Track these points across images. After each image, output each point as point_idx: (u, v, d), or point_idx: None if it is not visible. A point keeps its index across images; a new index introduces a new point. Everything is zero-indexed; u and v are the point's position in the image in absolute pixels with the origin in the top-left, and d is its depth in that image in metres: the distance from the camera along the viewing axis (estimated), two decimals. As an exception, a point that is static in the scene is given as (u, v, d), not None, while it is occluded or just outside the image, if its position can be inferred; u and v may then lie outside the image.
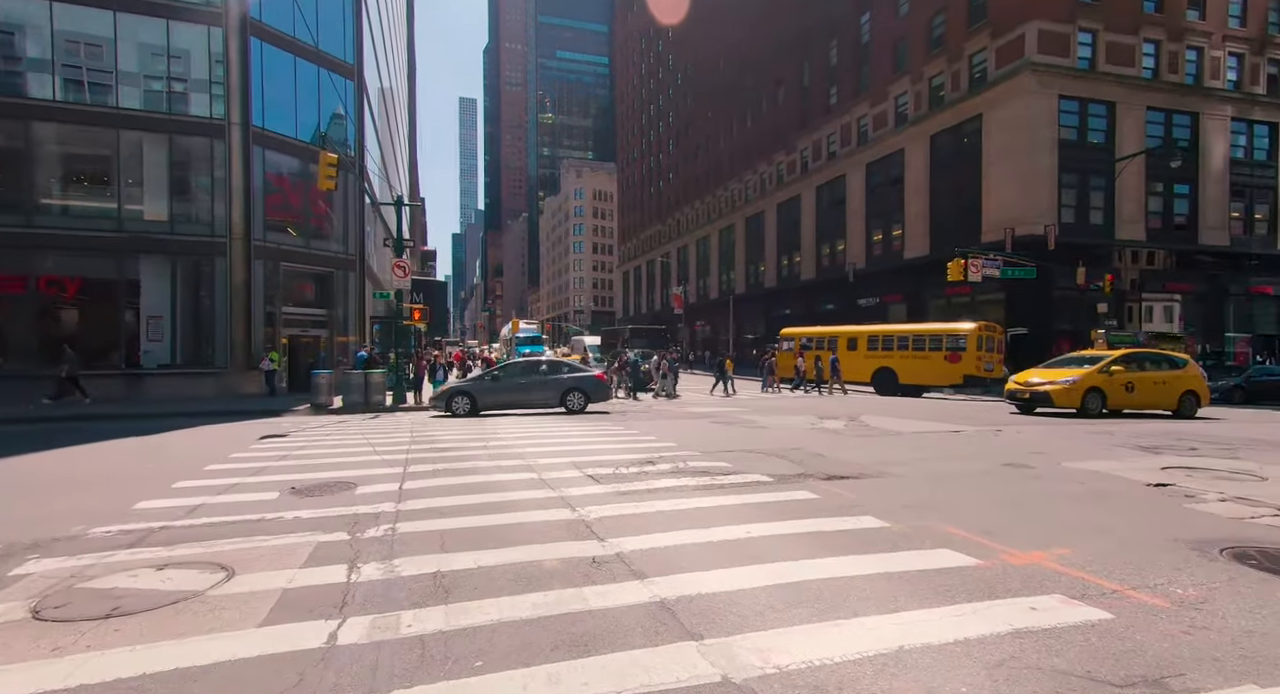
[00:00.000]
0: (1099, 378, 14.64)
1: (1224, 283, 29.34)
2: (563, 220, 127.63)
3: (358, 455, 8.86)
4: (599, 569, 4.01)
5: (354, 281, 25.11)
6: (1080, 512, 5.58)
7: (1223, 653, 2.89)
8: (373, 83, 30.16)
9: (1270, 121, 30.40)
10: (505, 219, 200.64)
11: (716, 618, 3.25)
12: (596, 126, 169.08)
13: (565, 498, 6.06)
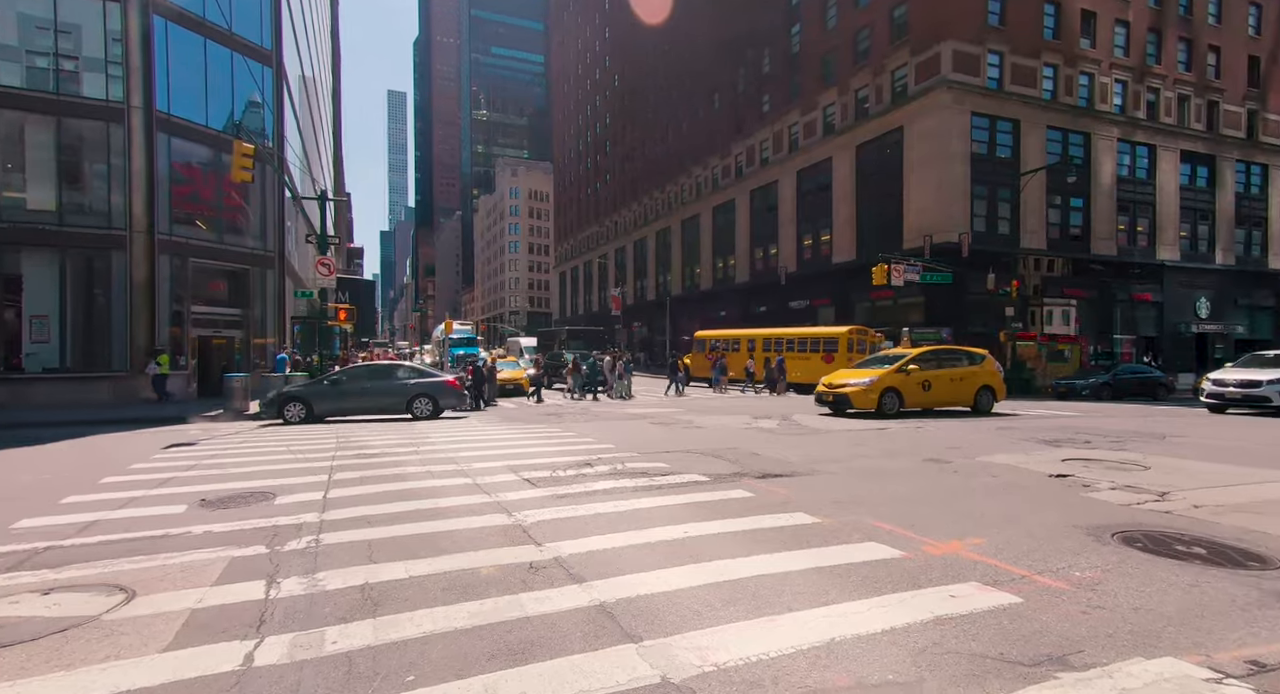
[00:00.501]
0: (896, 377, 14.50)
1: (1112, 289, 32.16)
2: (498, 219, 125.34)
3: (277, 463, 8.37)
4: (537, 575, 3.94)
5: (273, 280, 23.72)
6: (993, 503, 5.95)
7: (1115, 629, 3.14)
8: (293, 70, 28.60)
9: (1150, 144, 33.58)
10: (438, 217, 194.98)
11: (655, 619, 3.26)
12: (533, 125, 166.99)
13: (501, 503, 5.93)
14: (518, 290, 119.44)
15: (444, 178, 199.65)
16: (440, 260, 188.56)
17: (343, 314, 21.18)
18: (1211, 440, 10.47)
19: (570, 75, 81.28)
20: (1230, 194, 36.04)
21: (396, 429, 12.70)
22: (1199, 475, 7.22)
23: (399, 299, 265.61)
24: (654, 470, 7.54)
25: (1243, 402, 15.72)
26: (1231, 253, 36.17)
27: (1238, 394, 15.78)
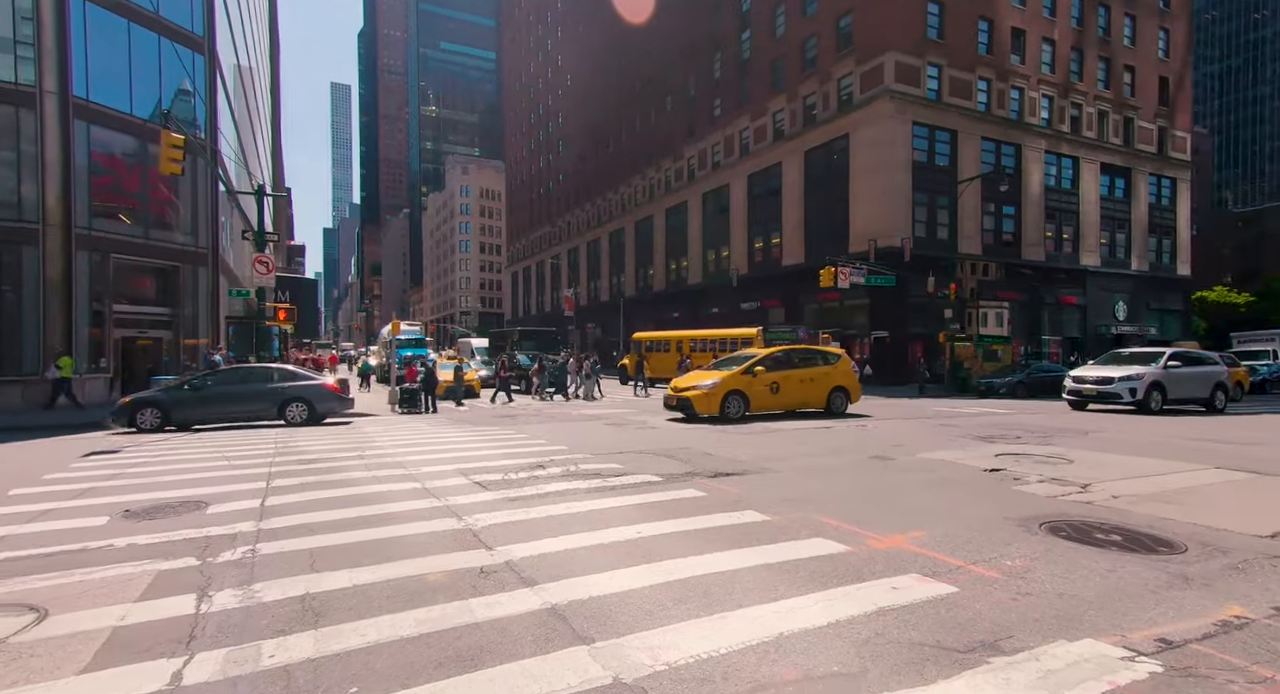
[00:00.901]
0: (741, 380, 13.68)
1: (1041, 293, 34.04)
2: (448, 218, 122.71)
3: (210, 471, 7.95)
4: (487, 579, 3.88)
5: (206, 278, 22.53)
6: (933, 497, 6.21)
7: (1041, 614, 3.33)
8: (227, 58, 27.26)
9: (1073, 156, 35.71)
10: (384, 214, 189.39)
11: (608, 620, 3.26)
12: (484, 123, 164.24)
13: (451, 507, 5.81)
14: (469, 290, 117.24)
15: (391, 174, 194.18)
16: (387, 259, 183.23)
17: (282, 314, 20.32)
18: (1126, 435, 11.21)
19: (522, 73, 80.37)
20: (1144, 205, 38.70)
21: (340, 434, 12.27)
22: (1116, 468, 7.72)
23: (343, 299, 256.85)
24: (607, 471, 7.54)
25: (1098, 398, 16.21)
26: (1145, 260, 38.85)
27: (1093, 390, 16.29)
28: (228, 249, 26.90)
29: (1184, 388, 16.23)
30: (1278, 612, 3.38)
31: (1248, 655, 2.87)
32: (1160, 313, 39.69)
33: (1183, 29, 40.34)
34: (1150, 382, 15.52)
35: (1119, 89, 37.35)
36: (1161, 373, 15.80)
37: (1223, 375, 16.98)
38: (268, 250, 17.93)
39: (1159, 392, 15.65)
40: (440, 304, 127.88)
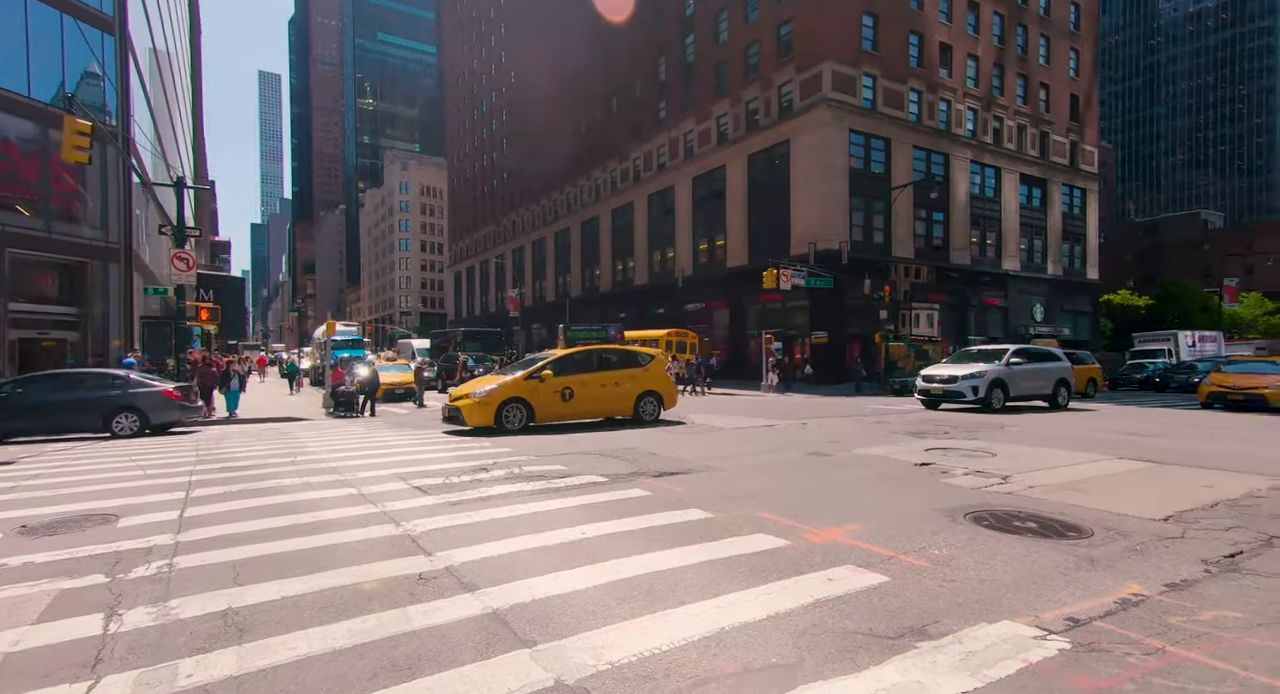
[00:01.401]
0: (524, 386, 12.00)
1: (967, 295, 35.92)
2: (387, 215, 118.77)
3: (122, 481, 7.42)
4: (426, 586, 3.78)
5: (117, 275, 20.99)
6: (867, 491, 6.45)
7: (965, 599, 3.52)
8: (141, 41, 25.51)
9: (995, 166, 37.87)
10: (318, 210, 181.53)
11: (550, 622, 3.24)
12: (424, 118, 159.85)
13: (389, 513, 5.63)
14: (409, 290, 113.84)
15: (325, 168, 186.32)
16: (321, 257, 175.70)
17: (204, 313, 19.16)
18: (1042, 429, 11.97)
19: (464, 69, 78.70)
20: (1058, 213, 41.46)
21: (269, 440, 11.69)
22: (1033, 460, 8.24)
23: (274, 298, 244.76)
24: (552, 473, 7.48)
25: (944, 396, 16.01)
26: (1060, 265, 41.61)
27: (940, 390, 16.06)
28: (143, 244, 25.15)
29: (1027, 384, 16.29)
30: (1169, 588, 3.69)
31: (1143, 630, 3.12)
32: (1073, 314, 42.60)
33: (1090, 50, 43.45)
34: (992, 379, 15.46)
35: (1035, 104, 39.88)
36: (1003, 370, 15.77)
37: (1065, 372, 17.21)
38: (188, 246, 16.88)
39: (1000, 389, 15.56)
40: (379, 304, 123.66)
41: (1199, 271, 66.40)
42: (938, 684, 2.59)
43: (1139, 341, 37.16)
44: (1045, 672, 2.69)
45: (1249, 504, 5.79)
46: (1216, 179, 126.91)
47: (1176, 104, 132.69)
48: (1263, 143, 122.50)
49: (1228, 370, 18.01)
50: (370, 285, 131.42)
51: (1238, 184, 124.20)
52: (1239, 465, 7.81)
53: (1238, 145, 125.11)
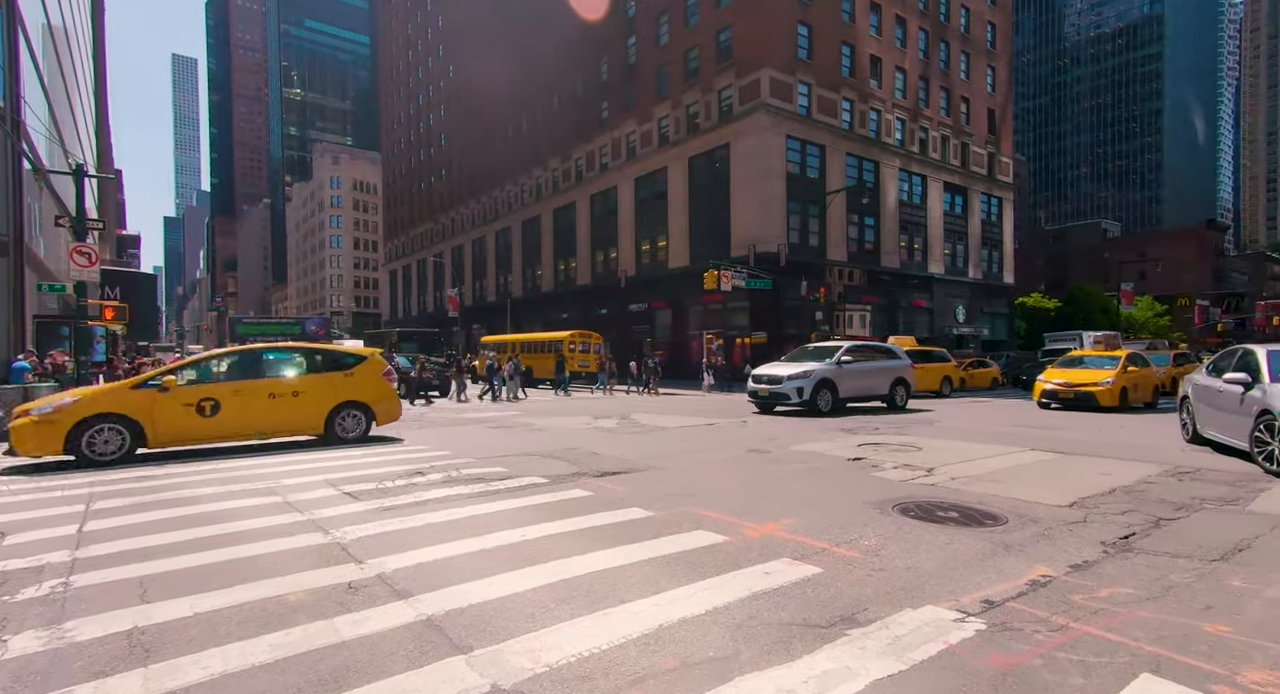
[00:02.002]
0: (129, 398, 8.72)
1: (896, 297, 37.63)
2: (317, 210, 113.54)
3: (7, 496, 6.78)
4: (356, 595, 3.63)
5: (5, 270, 19.13)
6: (803, 486, 6.65)
7: (892, 587, 3.68)
8: (33, 16, 23.38)
9: (921, 174, 39.86)
10: (241, 204, 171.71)
11: (487, 627, 3.17)
12: (357, 110, 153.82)
13: (317, 521, 5.38)
14: (341, 289, 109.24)
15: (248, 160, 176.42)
16: (244, 253, 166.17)
17: (109, 312, 17.78)
18: (964, 424, 12.68)
19: (400, 61, 76.23)
20: (978, 220, 44.03)
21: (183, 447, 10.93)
22: (956, 453, 8.71)
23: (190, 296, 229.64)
24: (491, 475, 7.34)
25: (771, 398, 14.80)
26: (980, 269, 44.20)
27: (766, 391, 14.78)
28: (36, 237, 23.04)
29: (859, 384, 15.33)
30: (1073, 569, 3.98)
31: (1050, 608, 3.35)
32: (991, 316, 45.34)
33: (1005, 68, 46.38)
34: (819, 380, 14.36)
35: (957, 117, 42.22)
36: (832, 370, 14.70)
37: (903, 371, 16.34)
38: (91, 239, 15.60)
39: (829, 390, 14.54)
40: (308, 303, 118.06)
41: (1100, 277, 71.98)
42: (865, 669, 2.70)
43: (1049, 341, 39.91)
44: (963, 652, 2.85)
45: (1141, 490, 6.32)
46: (1115, 191, 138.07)
47: (1080, 121, 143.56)
48: (1153, 160, 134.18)
49: (1062, 366, 17.31)
50: (298, 283, 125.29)
51: (1133, 196, 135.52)
52: (1131, 455, 8.51)
53: (1132, 161, 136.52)
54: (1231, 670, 2.68)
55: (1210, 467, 7.57)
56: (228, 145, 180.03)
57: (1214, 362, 9.54)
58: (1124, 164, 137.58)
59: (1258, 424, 7.23)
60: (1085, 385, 15.58)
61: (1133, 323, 57.99)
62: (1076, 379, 15.88)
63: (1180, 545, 4.47)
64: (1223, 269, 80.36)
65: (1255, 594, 3.55)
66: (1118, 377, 15.47)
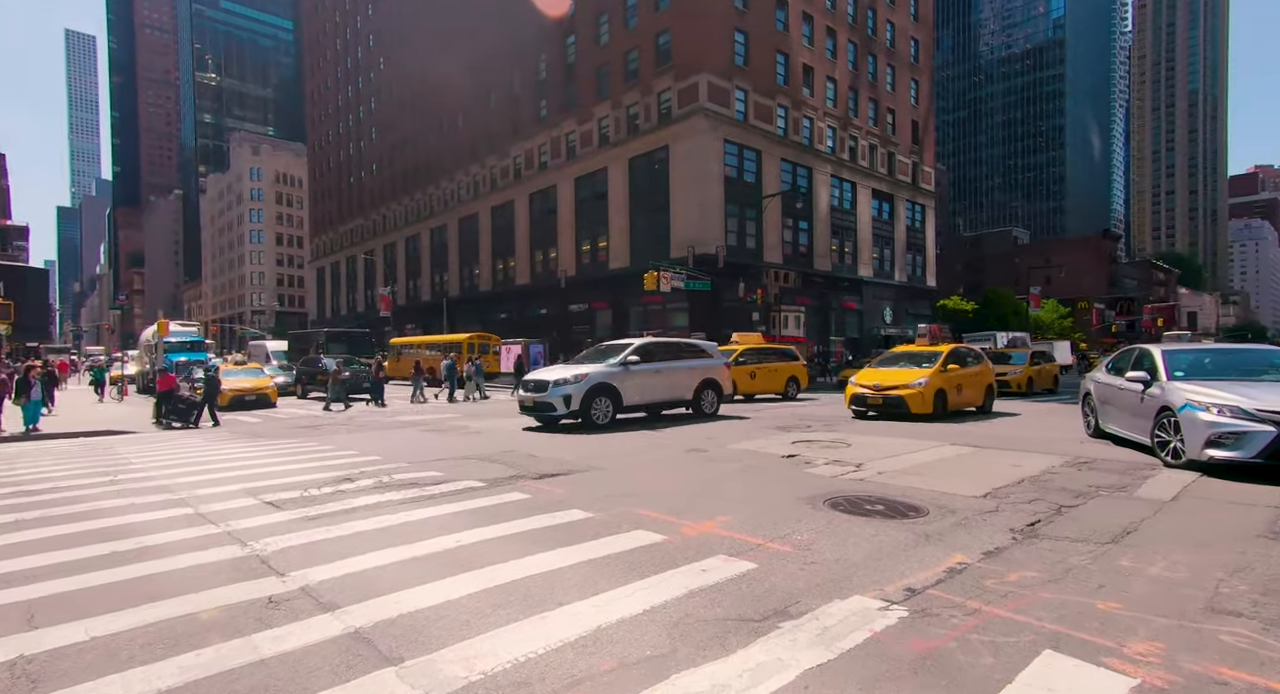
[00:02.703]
0: None
1: (829, 299, 39.03)
2: (235, 203, 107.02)
3: None
4: (277, 610, 3.45)
5: None
6: (739, 484, 6.80)
7: (823, 579, 3.82)
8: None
9: (851, 181, 41.51)
10: (147, 194, 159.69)
11: (419, 636, 3.08)
12: (279, 99, 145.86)
13: (234, 533, 5.07)
14: (262, 287, 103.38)
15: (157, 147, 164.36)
16: (152, 247, 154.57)
17: (-7, 311, 16.13)
18: (890, 421, 13.29)
19: (327, 49, 72.89)
20: (903, 226, 46.26)
21: (81, 457, 10.07)
22: (882, 448, 9.12)
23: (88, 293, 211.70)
24: (425, 480, 7.13)
25: (534, 409, 12.09)
26: (905, 272, 46.45)
27: (530, 400, 12.08)
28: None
29: (651, 389, 12.81)
30: (986, 556, 4.25)
31: (964, 593, 3.56)
32: (915, 317, 47.70)
33: (927, 82, 48.95)
34: (593, 385, 11.79)
35: (884, 127, 44.23)
36: (614, 373, 12.20)
37: (711, 372, 13.86)
38: (-30, 230, 14.09)
39: (609, 397, 12.00)
40: (226, 302, 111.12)
41: (1012, 281, 77.01)
42: (796, 660, 2.79)
43: (967, 341, 42.55)
44: (887, 639, 2.99)
45: (1046, 479, 6.81)
46: (1024, 201, 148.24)
47: (994, 134, 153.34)
48: (1057, 173, 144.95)
49: (878, 365, 14.90)
50: (214, 281, 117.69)
51: (1040, 206, 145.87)
52: (1039, 448, 9.17)
53: (1039, 173, 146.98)
54: (1119, 643, 2.93)
55: (1105, 457, 8.24)
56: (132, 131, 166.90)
57: (1113, 361, 10.29)
58: (1032, 176, 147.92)
59: (1158, 420, 7.69)
60: (895, 388, 12.80)
61: (1040, 324, 62.43)
62: (887, 381, 13.09)
63: (1079, 530, 4.84)
64: (1116, 275, 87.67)
65: (1140, 573, 3.90)
66: (932, 377, 12.72)
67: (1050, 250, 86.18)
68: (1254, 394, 6.90)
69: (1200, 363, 8.36)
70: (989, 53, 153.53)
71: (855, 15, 41.36)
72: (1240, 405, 6.72)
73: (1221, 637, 3.00)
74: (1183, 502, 5.76)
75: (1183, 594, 3.53)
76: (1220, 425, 6.75)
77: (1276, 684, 2.58)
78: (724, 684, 2.59)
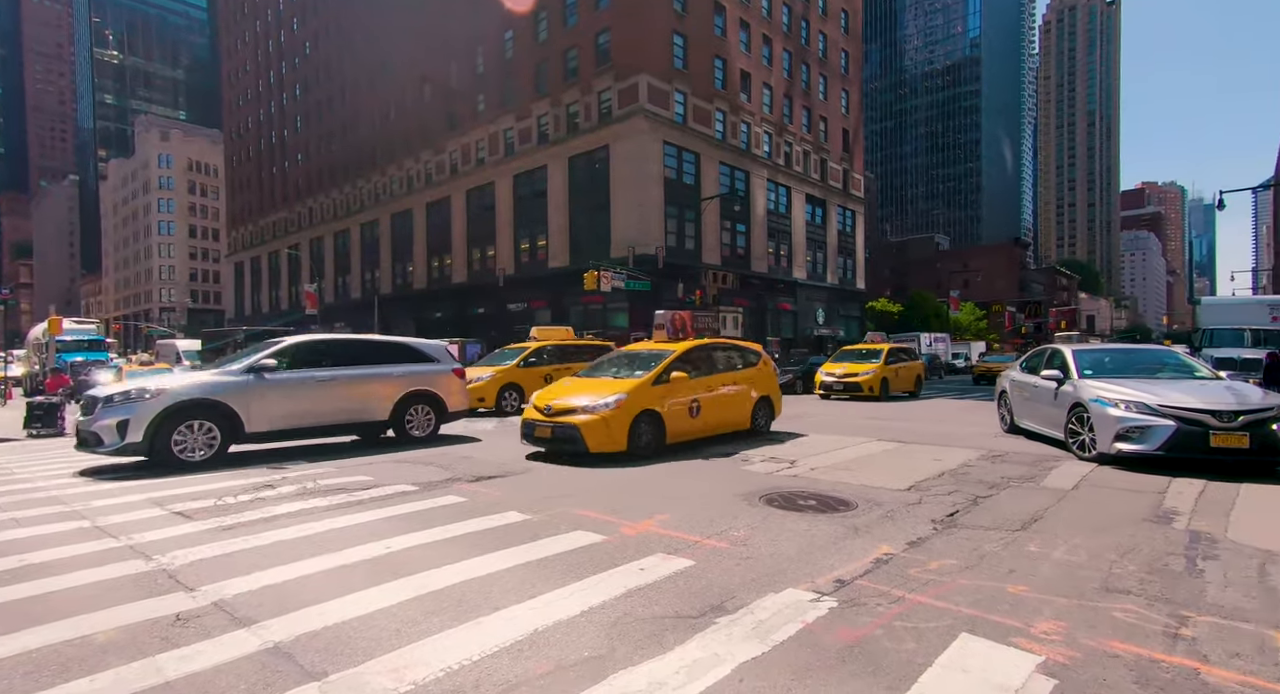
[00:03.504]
0: None
1: (765, 300, 40.05)
2: (140, 192, 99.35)
3: None
4: (185, 627, 3.21)
5: None
6: (678, 482, 6.86)
7: (757, 574, 3.90)
8: None
9: (787, 185, 42.75)
10: (36, 178, 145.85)
11: (345, 648, 2.94)
12: (192, 81, 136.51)
13: (136, 547, 4.69)
14: (173, 282, 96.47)
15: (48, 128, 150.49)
16: (43, 237, 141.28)
17: None
18: (825, 418, 13.78)
19: (246, 31, 68.76)
20: (835, 231, 48.03)
21: (-43, 468, 9.07)
22: (816, 445, 9.43)
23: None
24: (354, 485, 6.82)
25: (84, 444, 7.91)
26: (836, 275, 48.24)
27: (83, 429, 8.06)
28: None
29: (307, 407, 8.92)
30: (909, 546, 4.46)
31: (890, 582, 3.73)
32: (846, 318, 49.65)
33: (856, 93, 51.03)
34: (177, 404, 7.78)
35: (817, 134, 45.80)
36: (226, 385, 8.23)
37: (428, 381, 10.36)
38: None
39: (214, 422, 8.05)
40: (130, 298, 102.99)
41: (934, 284, 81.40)
42: (732, 654, 2.83)
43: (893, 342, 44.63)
44: (818, 629, 3.09)
45: (964, 472, 7.22)
46: (945, 209, 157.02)
47: (918, 145, 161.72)
48: (973, 183, 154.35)
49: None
50: (117, 275, 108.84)
51: (959, 214, 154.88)
52: (957, 442, 9.71)
53: (959, 183, 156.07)
54: (1027, 623, 3.14)
55: (1016, 450, 8.82)
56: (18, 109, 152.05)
57: (1025, 360, 10.95)
58: (952, 185, 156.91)
59: (1071, 416, 8.14)
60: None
61: (960, 325, 66.23)
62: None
63: (993, 519, 5.16)
64: (1025, 280, 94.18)
65: (1046, 557, 4.19)
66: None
67: (968, 256, 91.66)
68: (1156, 390, 7.39)
69: (1102, 362, 8.92)
70: (913, 67, 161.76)
71: (790, 25, 42.61)
72: (1145, 401, 7.18)
73: (1114, 614, 3.26)
74: (1082, 490, 6.24)
75: (1082, 576, 3.82)
76: (1128, 420, 7.18)
77: (1159, 655, 2.83)
78: (661, 682, 2.60)
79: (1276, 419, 6.78)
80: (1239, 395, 7.22)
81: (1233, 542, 4.52)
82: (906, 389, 19.64)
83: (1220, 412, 6.84)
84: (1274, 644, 2.94)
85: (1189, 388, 7.53)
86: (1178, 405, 7.00)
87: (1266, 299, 25.30)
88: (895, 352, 19.66)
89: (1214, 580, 3.76)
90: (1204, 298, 34.87)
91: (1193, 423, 6.85)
